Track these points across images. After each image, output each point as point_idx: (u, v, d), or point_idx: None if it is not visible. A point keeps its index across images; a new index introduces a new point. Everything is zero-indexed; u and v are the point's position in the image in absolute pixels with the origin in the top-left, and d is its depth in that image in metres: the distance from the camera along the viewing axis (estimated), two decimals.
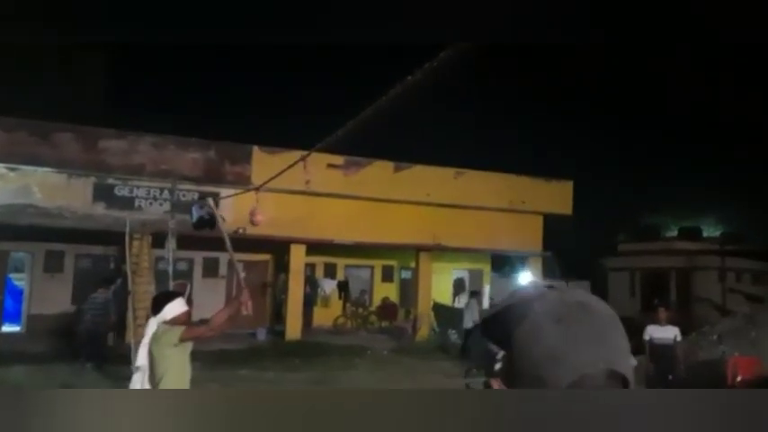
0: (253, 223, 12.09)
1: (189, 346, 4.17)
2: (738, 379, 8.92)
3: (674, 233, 24.18)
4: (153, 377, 4.09)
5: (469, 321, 13.33)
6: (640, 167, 31.59)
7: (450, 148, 17.39)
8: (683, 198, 27.28)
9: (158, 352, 4.06)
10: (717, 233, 23.00)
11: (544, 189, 17.97)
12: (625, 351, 0.81)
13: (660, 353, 8.43)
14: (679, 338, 8.64)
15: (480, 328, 0.88)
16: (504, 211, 17.27)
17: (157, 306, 4.28)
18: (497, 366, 0.81)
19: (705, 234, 23.09)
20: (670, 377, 8.42)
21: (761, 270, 18.18)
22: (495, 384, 0.81)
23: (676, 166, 29.38)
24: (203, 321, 4.50)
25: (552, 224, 18.54)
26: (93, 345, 11.29)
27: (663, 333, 8.54)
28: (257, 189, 10.14)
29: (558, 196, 18.21)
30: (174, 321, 4.11)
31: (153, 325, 4.34)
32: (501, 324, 0.83)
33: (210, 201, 7.13)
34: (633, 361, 0.81)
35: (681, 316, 14.53)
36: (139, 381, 4.30)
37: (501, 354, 0.81)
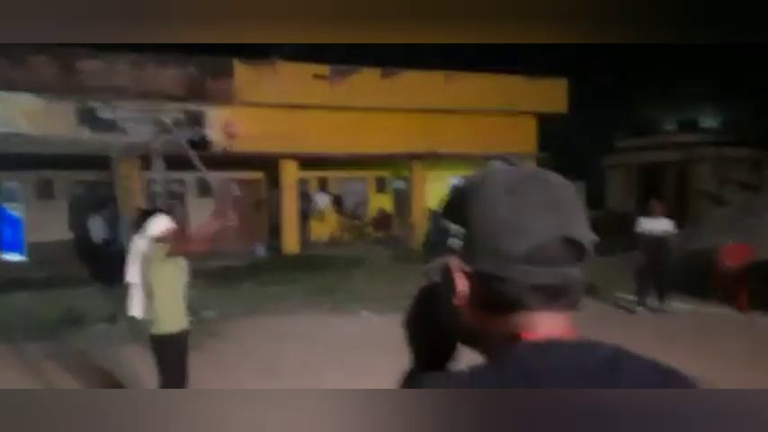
0: (229, 136, 11.91)
1: (180, 261, 4.23)
2: (726, 265, 9.06)
3: (673, 127, 23.89)
4: (148, 293, 4.22)
5: None
6: (637, 60, 30.72)
7: (437, 50, 16.81)
8: (681, 90, 26.72)
9: (148, 268, 4.19)
10: (714, 124, 22.71)
11: (537, 88, 17.59)
12: (582, 221, 0.80)
13: (653, 244, 8.50)
14: (673, 231, 8.68)
15: (439, 211, 0.87)
16: (497, 114, 17.00)
17: (139, 223, 4.37)
18: (456, 243, 0.80)
19: (704, 125, 22.79)
20: (663, 269, 8.54)
21: (757, 158, 18.08)
22: (453, 262, 0.80)
23: (673, 57, 28.58)
24: None
25: (547, 124, 18.29)
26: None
27: (656, 225, 8.57)
28: (242, 105, 9.93)
29: (552, 95, 17.86)
30: (160, 239, 4.16)
31: (137, 241, 4.43)
32: (457, 203, 0.83)
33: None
34: (592, 234, 0.80)
35: (677, 209, 14.59)
36: (137, 296, 4.43)
37: (460, 231, 0.80)
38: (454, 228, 0.80)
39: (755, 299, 8.46)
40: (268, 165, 15.82)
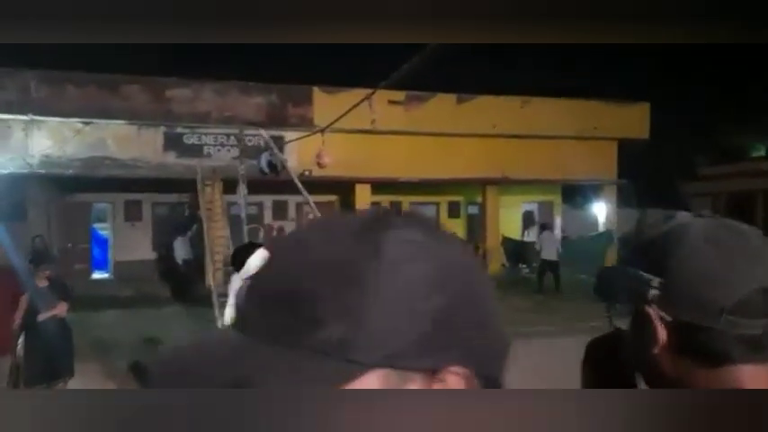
0: (320, 165, 12.12)
1: None
2: None
3: (761, 153, 22.66)
4: None
5: (552, 254, 13.15)
6: (721, 83, 29.35)
7: (514, 75, 16.66)
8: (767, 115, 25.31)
9: None
10: None
11: (618, 112, 17.08)
12: None
13: None
14: None
15: (626, 258, 0.89)
16: (574, 139, 16.59)
17: (238, 261, 3.97)
18: (652, 293, 0.80)
19: None
20: None
21: None
22: (653, 312, 0.81)
23: (760, 81, 27.13)
24: None
25: (628, 150, 17.69)
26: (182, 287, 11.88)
27: None
28: (322, 131, 10.09)
29: (632, 119, 17.29)
30: None
31: (237, 282, 3.92)
32: (653, 252, 0.83)
33: (273, 148, 7.02)
34: None
35: None
36: None
37: (656, 281, 0.80)
38: (654, 280, 0.80)
39: None
40: (343, 188, 16.02)
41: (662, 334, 0.80)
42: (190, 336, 5.03)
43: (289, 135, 14.51)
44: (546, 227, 14.17)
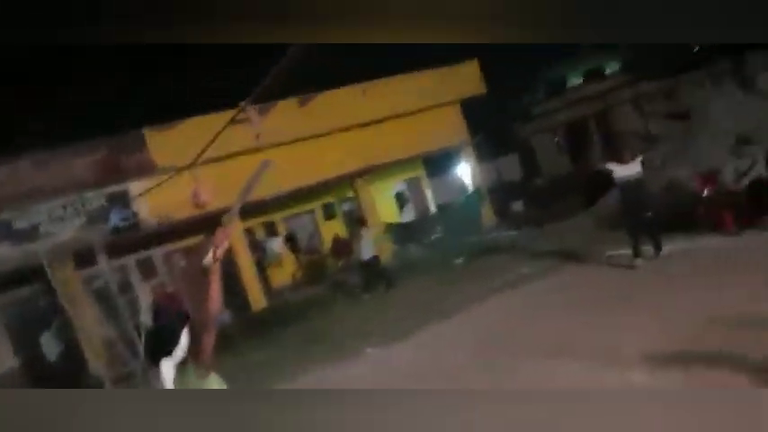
0: (198, 206, 11.16)
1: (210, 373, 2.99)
2: (705, 193, 9.10)
3: (579, 81, 24.47)
4: None
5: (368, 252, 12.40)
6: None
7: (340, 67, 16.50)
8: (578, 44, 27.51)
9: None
10: (617, 67, 23.41)
11: (452, 75, 17.56)
12: None
13: (632, 190, 8.35)
14: (642, 172, 8.47)
15: None
16: (420, 111, 16.81)
17: (159, 347, 2.93)
18: None
19: (609, 71, 23.46)
20: (648, 213, 8.40)
21: (671, 87, 18.66)
22: None
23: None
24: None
25: (470, 109, 18.28)
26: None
27: (629, 170, 8.39)
28: (189, 167, 9.30)
29: (467, 78, 17.88)
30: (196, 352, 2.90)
31: (169, 371, 2.92)
32: None
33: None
34: None
35: (613, 155, 14.70)
36: None
37: None
38: None
39: (737, 219, 8.51)
40: (207, 225, 14.97)
41: None
42: None
43: (133, 186, 13.27)
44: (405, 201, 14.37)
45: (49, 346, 12.77)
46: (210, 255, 2.81)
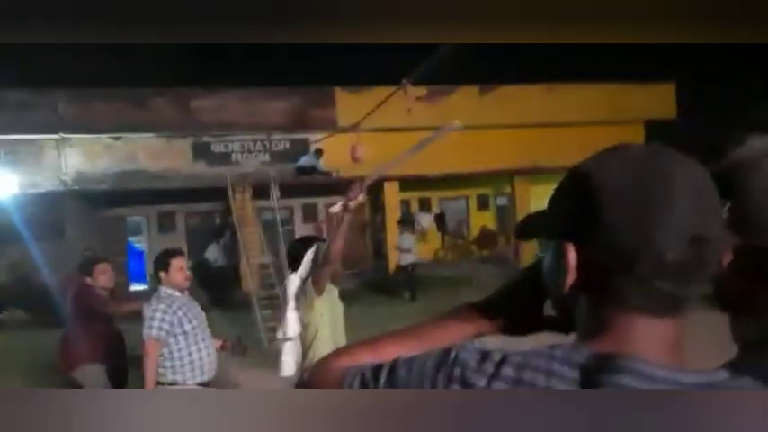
0: (354, 160, 12.17)
1: (333, 290, 3.66)
2: None
3: None
4: (308, 343, 3.55)
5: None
6: (742, 58, 28.64)
7: (538, 63, 16.46)
8: None
9: (309, 312, 3.52)
10: None
11: (643, 94, 16.82)
12: None
13: None
14: None
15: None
16: (602, 124, 16.36)
17: (292, 257, 3.69)
18: (724, 215, 0.82)
19: None
20: None
21: None
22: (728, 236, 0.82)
23: None
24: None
25: (655, 132, 17.39)
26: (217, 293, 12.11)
27: None
28: (355, 127, 10.20)
29: (658, 100, 17.02)
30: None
31: (295, 282, 3.63)
32: (727, 179, 0.85)
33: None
34: None
35: None
36: (291, 353, 3.62)
37: (727, 204, 0.83)
38: (726, 204, 0.83)
39: None
40: (371, 187, 16.01)
41: (728, 257, 0.80)
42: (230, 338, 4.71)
43: (313, 137, 14.60)
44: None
45: (214, 256, 14.69)
46: (339, 205, 3.40)
